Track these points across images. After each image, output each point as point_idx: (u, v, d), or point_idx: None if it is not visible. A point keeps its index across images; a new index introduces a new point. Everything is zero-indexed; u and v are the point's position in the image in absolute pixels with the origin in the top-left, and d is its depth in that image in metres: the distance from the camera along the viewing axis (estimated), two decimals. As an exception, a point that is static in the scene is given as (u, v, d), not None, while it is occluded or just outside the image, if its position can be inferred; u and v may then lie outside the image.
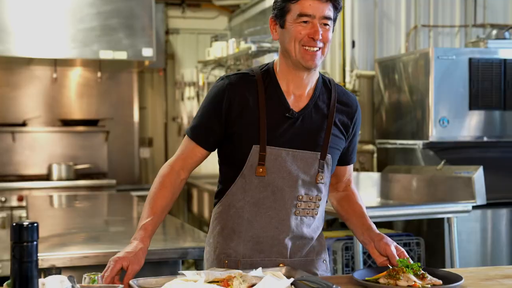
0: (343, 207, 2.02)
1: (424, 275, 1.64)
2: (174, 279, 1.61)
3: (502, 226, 3.83)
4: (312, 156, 1.86)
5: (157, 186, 1.87)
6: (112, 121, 6.13)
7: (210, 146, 1.89)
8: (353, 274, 1.69)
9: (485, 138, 4.04)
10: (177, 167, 1.89)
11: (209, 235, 1.97)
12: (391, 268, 1.69)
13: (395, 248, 1.82)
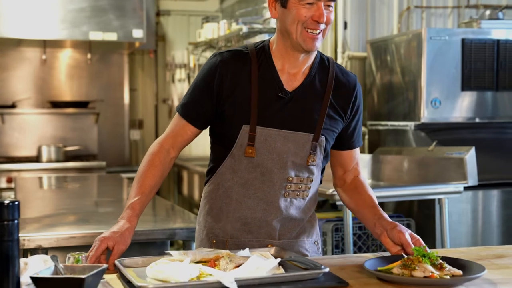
0: (352, 199, 1.92)
1: (442, 265, 1.48)
2: (161, 258, 1.59)
3: (493, 207, 3.82)
4: (305, 138, 1.81)
5: (146, 164, 1.83)
6: (102, 103, 6.08)
7: (201, 124, 1.86)
8: (364, 264, 1.54)
9: (477, 119, 4.02)
10: (166, 145, 1.86)
11: (199, 214, 1.94)
12: (406, 257, 1.53)
13: (410, 236, 1.69)
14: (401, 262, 1.51)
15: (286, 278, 1.44)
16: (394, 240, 1.69)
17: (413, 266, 1.46)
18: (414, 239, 1.68)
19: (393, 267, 1.50)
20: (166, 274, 1.44)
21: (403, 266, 1.49)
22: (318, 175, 1.89)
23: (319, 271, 1.47)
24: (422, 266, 1.46)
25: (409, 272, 1.46)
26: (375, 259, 1.62)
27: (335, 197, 3.20)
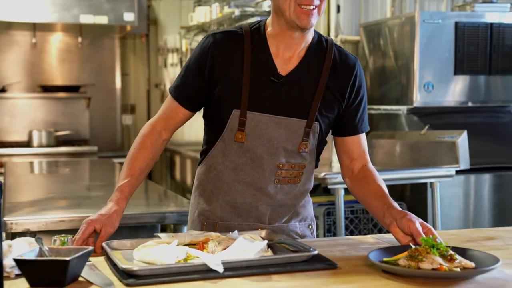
0: (360, 189, 1.82)
1: (452, 257, 1.35)
2: (149, 241, 1.57)
3: (485, 191, 3.82)
4: (297, 124, 1.76)
5: (137, 146, 1.80)
6: (94, 87, 6.03)
7: (193, 106, 1.82)
8: (369, 255, 1.42)
9: (469, 103, 4.01)
10: (158, 127, 1.83)
11: (192, 195, 1.93)
12: (413, 247, 1.40)
13: (421, 225, 1.57)
14: (408, 253, 1.39)
15: (274, 261, 1.42)
16: (404, 229, 1.58)
17: (420, 257, 1.34)
18: (426, 228, 1.56)
19: (399, 258, 1.39)
20: (152, 256, 1.42)
21: (409, 257, 1.37)
22: (312, 161, 1.84)
23: (308, 253, 1.45)
24: (430, 257, 1.34)
25: (416, 264, 1.34)
26: (381, 250, 1.49)
27: (327, 181, 3.20)
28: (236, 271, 1.36)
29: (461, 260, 1.35)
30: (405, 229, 1.58)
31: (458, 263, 1.34)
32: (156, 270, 1.34)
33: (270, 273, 1.37)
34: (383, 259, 1.41)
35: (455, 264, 1.34)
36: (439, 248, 1.37)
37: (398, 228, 1.60)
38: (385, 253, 1.46)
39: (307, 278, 1.35)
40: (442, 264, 1.32)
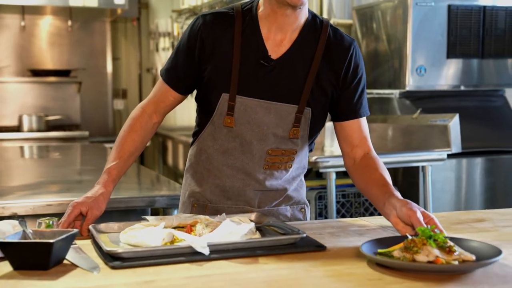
0: (362, 178, 1.73)
1: (451, 249, 1.25)
2: (136, 224, 1.55)
3: (477, 175, 3.82)
4: (288, 109, 1.71)
5: (126, 129, 1.78)
6: (85, 71, 5.99)
7: (184, 90, 1.79)
8: (362, 247, 1.31)
9: (462, 87, 4.00)
10: (149, 110, 1.80)
11: (184, 176, 1.91)
12: (409, 238, 1.29)
13: (422, 215, 1.45)
14: (404, 244, 1.28)
15: (261, 243, 1.40)
16: (404, 219, 1.46)
17: (416, 249, 1.24)
18: (427, 218, 1.44)
19: (394, 250, 1.29)
20: (138, 239, 1.40)
21: (404, 248, 1.26)
22: (304, 146, 1.80)
23: (297, 235, 1.43)
24: (426, 249, 1.24)
25: (411, 256, 1.24)
26: (375, 240, 1.38)
27: (318, 164, 3.18)
28: (222, 254, 1.34)
29: (461, 252, 1.25)
30: (405, 219, 1.46)
31: (457, 256, 1.23)
32: (141, 252, 1.32)
33: (257, 255, 1.36)
34: (378, 250, 1.31)
35: (454, 256, 1.23)
36: (437, 239, 1.26)
37: (398, 218, 1.49)
38: (379, 244, 1.35)
39: (295, 260, 1.33)
40: (439, 257, 1.22)
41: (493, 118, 4.01)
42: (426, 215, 1.45)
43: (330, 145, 3.76)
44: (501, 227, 1.63)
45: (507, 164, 3.91)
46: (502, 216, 1.76)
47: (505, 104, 4.10)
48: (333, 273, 1.24)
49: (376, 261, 1.26)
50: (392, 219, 1.51)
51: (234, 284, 1.17)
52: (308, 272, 1.25)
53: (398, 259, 1.25)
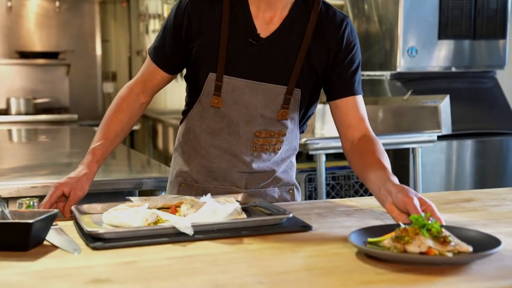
0: (359, 162, 1.62)
1: (446, 239, 1.14)
2: (120, 204, 1.52)
3: (467, 157, 3.81)
4: (277, 90, 1.67)
5: (113, 109, 1.74)
6: (73, 54, 5.92)
7: (171, 69, 1.75)
8: (350, 236, 1.22)
9: (453, 69, 3.97)
10: (136, 90, 1.76)
11: (173, 155, 1.88)
12: (401, 227, 1.19)
13: (419, 201, 1.34)
14: (394, 233, 1.18)
15: (246, 224, 1.38)
16: (399, 206, 1.35)
17: (407, 238, 1.14)
18: (425, 205, 1.33)
19: (384, 239, 1.19)
20: (121, 219, 1.37)
21: (396, 238, 1.16)
22: (294, 129, 1.76)
23: (282, 216, 1.41)
24: (418, 239, 1.14)
25: (402, 246, 1.14)
26: (363, 230, 1.27)
27: (308, 146, 3.16)
28: (206, 234, 1.32)
29: (457, 243, 1.15)
30: (400, 206, 1.35)
31: (452, 247, 1.13)
32: (123, 233, 1.29)
33: (242, 236, 1.33)
34: (368, 239, 1.22)
35: (449, 247, 1.13)
36: (431, 228, 1.16)
37: (394, 204, 1.38)
38: (369, 233, 1.25)
39: (280, 240, 1.31)
40: (431, 248, 1.12)
41: (483, 100, 3.99)
42: (423, 201, 1.34)
43: (321, 128, 3.73)
44: (489, 206, 1.61)
45: (497, 146, 3.91)
46: (491, 196, 1.75)
47: (496, 86, 4.08)
48: (318, 253, 1.22)
49: (365, 251, 1.17)
50: (387, 205, 1.40)
51: (217, 265, 1.15)
52: (293, 252, 1.22)
53: (388, 249, 1.16)
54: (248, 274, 1.09)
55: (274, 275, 1.09)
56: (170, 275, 1.09)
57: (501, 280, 1.04)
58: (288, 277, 1.07)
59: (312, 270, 1.11)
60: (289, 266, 1.14)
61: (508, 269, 1.10)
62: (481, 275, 1.07)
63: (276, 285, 1.03)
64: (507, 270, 1.09)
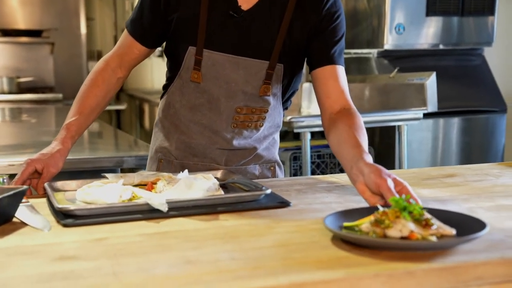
0: (335, 137, 1.53)
1: (428, 222, 1.07)
2: (95, 181, 1.48)
3: (453, 135, 3.79)
4: (258, 66, 1.63)
5: (88, 83, 1.69)
6: (57, 32, 5.83)
7: (149, 42, 1.70)
8: (325, 220, 1.12)
9: (440, 46, 3.93)
10: (113, 64, 1.71)
11: (153, 131, 1.85)
12: (381, 210, 1.10)
13: (394, 182, 1.25)
14: (373, 216, 1.10)
15: (223, 200, 1.35)
16: (371, 187, 1.26)
17: (388, 222, 1.06)
18: (399, 186, 1.24)
19: (362, 223, 1.11)
20: (94, 196, 1.33)
21: (374, 222, 1.08)
22: (277, 105, 1.72)
23: (260, 192, 1.38)
24: (400, 222, 1.06)
25: (382, 230, 1.06)
26: (339, 214, 1.18)
27: (293, 124, 3.12)
28: (181, 211, 1.28)
29: (439, 225, 1.08)
30: (373, 187, 1.25)
31: (434, 230, 1.06)
32: (95, 210, 1.26)
33: (218, 212, 1.30)
34: (343, 223, 1.13)
35: (431, 231, 1.06)
36: (412, 211, 1.08)
37: (366, 185, 1.28)
38: (345, 217, 1.16)
39: (257, 217, 1.28)
40: (414, 232, 1.04)
41: (471, 78, 3.97)
42: (398, 182, 1.25)
43: (307, 107, 3.69)
44: (471, 181, 1.59)
45: (483, 124, 3.89)
46: (473, 171, 1.72)
47: (483, 63, 4.05)
48: (295, 229, 1.19)
49: (341, 236, 1.09)
50: (358, 186, 1.30)
51: (190, 241, 1.11)
52: (270, 228, 1.19)
53: (367, 234, 1.07)
54: (221, 250, 1.06)
55: (248, 251, 1.06)
56: (140, 251, 1.06)
57: (485, 253, 1.02)
58: (262, 253, 1.04)
59: (287, 246, 1.08)
60: (264, 242, 1.11)
61: (490, 242, 1.07)
62: (465, 249, 1.04)
63: (249, 261, 1.00)
64: (490, 244, 1.07)
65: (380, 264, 0.97)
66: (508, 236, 1.11)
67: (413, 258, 1.00)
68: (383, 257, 1.00)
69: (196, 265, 0.98)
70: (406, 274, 0.95)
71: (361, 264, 0.98)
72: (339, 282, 0.92)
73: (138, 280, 0.92)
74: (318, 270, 0.95)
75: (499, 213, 1.28)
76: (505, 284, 0.99)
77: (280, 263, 0.99)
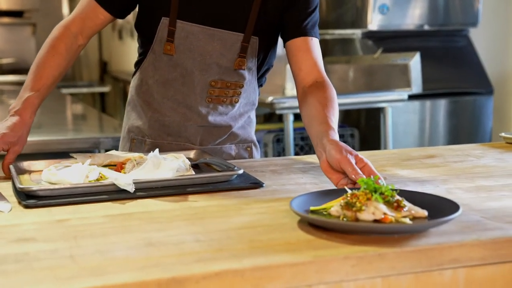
0: (305, 112, 1.49)
1: (400, 203, 1.02)
2: (62, 161, 1.43)
3: (440, 117, 3.76)
4: (233, 38, 1.59)
5: (49, 50, 1.57)
6: (39, 13, 5.72)
7: (116, 9, 1.62)
8: (291, 203, 1.06)
9: (426, 27, 3.88)
10: (74, 29, 1.59)
11: (125, 110, 1.78)
12: (350, 192, 1.05)
13: (355, 159, 1.20)
14: (343, 199, 1.04)
15: (193, 181, 1.30)
16: (333, 164, 1.21)
17: (359, 205, 1.01)
18: (362, 163, 1.20)
19: (330, 207, 1.05)
20: (59, 176, 1.28)
21: (345, 205, 1.02)
22: (252, 80, 1.68)
23: (232, 172, 1.33)
24: (371, 205, 1.01)
25: (353, 213, 1.01)
26: (306, 196, 1.12)
27: (275, 106, 3.07)
28: (149, 192, 1.24)
29: (411, 207, 1.03)
30: (334, 163, 1.21)
31: (406, 212, 1.01)
32: (58, 190, 1.21)
33: (187, 193, 1.25)
34: (310, 207, 1.07)
35: (403, 213, 1.01)
36: (383, 192, 1.03)
37: (328, 163, 1.23)
38: (312, 200, 1.10)
39: (228, 197, 1.24)
40: (387, 214, 0.99)
41: (456, 59, 3.92)
42: (360, 159, 1.20)
43: (292, 88, 3.64)
44: (451, 162, 1.55)
45: (470, 106, 3.86)
46: (454, 152, 1.68)
47: (469, 44, 4.01)
48: (266, 210, 1.15)
49: (309, 220, 1.03)
50: (321, 164, 1.25)
51: (154, 222, 1.07)
52: (239, 210, 1.15)
53: (337, 218, 1.02)
54: (186, 232, 1.01)
55: (215, 232, 1.01)
56: (101, 233, 1.01)
57: (460, 235, 0.98)
58: (229, 235, 1.00)
59: (256, 227, 1.04)
60: (232, 224, 1.06)
61: (466, 224, 1.03)
62: (439, 231, 1.00)
63: (214, 243, 0.96)
64: (466, 225, 1.03)
65: (350, 247, 0.93)
66: (484, 218, 1.07)
67: (385, 240, 0.96)
68: (354, 240, 0.96)
69: (158, 247, 0.94)
70: (377, 257, 0.91)
71: (330, 246, 0.94)
72: (306, 265, 0.88)
73: (94, 263, 0.87)
74: (285, 253, 0.91)
75: (478, 193, 1.24)
76: (481, 267, 0.95)
77: (246, 245, 0.95)
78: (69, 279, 0.81)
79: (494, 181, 1.35)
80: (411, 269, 0.92)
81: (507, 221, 1.04)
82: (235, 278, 0.85)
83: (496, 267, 0.96)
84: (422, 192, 1.14)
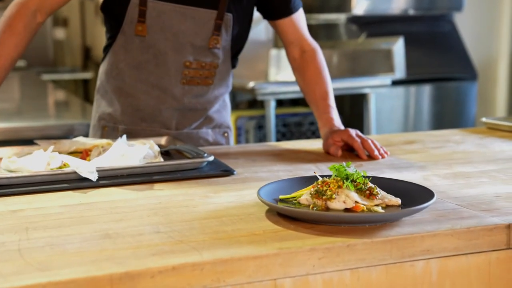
0: (302, 84, 1.67)
1: (372, 191, 0.98)
2: (25, 148, 1.37)
3: (424, 103, 3.71)
4: (206, 15, 1.54)
5: (6, 29, 1.47)
6: (19, -3, 5.60)
7: None
8: (259, 191, 1.02)
9: (410, 11, 3.82)
10: (33, 6, 1.50)
11: (95, 98, 1.71)
12: (321, 180, 1.00)
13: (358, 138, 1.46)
14: (313, 187, 1.00)
15: (160, 168, 1.24)
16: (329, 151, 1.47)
17: (330, 193, 0.96)
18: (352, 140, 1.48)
19: (300, 195, 1.01)
20: (19, 164, 1.22)
21: (315, 193, 0.98)
22: (227, 60, 1.63)
23: (201, 159, 1.28)
24: (343, 193, 0.97)
25: (323, 202, 0.96)
26: (275, 184, 1.07)
27: (256, 91, 3.01)
28: (113, 180, 1.18)
29: (384, 195, 0.99)
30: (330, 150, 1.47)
31: (379, 200, 0.98)
32: (15, 179, 1.15)
33: (153, 181, 1.20)
34: (279, 196, 1.03)
35: (376, 201, 0.97)
36: (355, 179, 0.99)
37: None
38: (281, 188, 1.06)
39: (196, 186, 1.18)
40: (359, 202, 0.96)
41: (441, 44, 3.87)
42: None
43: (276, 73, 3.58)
44: (430, 148, 1.50)
45: (454, 91, 3.82)
46: (434, 138, 1.64)
47: (453, 29, 3.96)
48: (234, 199, 1.09)
49: (276, 209, 0.98)
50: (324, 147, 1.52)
51: (115, 212, 1.01)
52: (207, 199, 1.10)
53: (307, 207, 0.98)
54: (147, 222, 0.96)
55: (177, 223, 0.96)
56: (56, 224, 0.95)
57: (434, 224, 0.93)
58: (192, 225, 0.95)
59: (221, 217, 0.99)
60: (197, 214, 1.01)
61: (441, 212, 0.99)
62: (412, 220, 0.95)
63: (175, 234, 0.90)
64: (440, 213, 0.98)
65: (317, 238, 0.88)
66: (460, 206, 1.02)
67: (355, 230, 0.91)
68: (322, 230, 0.91)
69: (114, 240, 0.88)
70: (345, 248, 0.86)
71: (297, 238, 0.89)
72: (270, 258, 0.83)
73: (42, 257, 0.81)
74: (249, 245, 0.86)
75: (455, 180, 1.20)
76: (454, 257, 0.91)
77: (209, 237, 0.89)
78: (12, 275, 0.75)
79: (472, 167, 1.30)
80: (381, 261, 0.88)
81: (483, 209, 1.00)
82: (193, 272, 0.80)
83: (470, 258, 0.91)
84: (396, 179, 1.09)
